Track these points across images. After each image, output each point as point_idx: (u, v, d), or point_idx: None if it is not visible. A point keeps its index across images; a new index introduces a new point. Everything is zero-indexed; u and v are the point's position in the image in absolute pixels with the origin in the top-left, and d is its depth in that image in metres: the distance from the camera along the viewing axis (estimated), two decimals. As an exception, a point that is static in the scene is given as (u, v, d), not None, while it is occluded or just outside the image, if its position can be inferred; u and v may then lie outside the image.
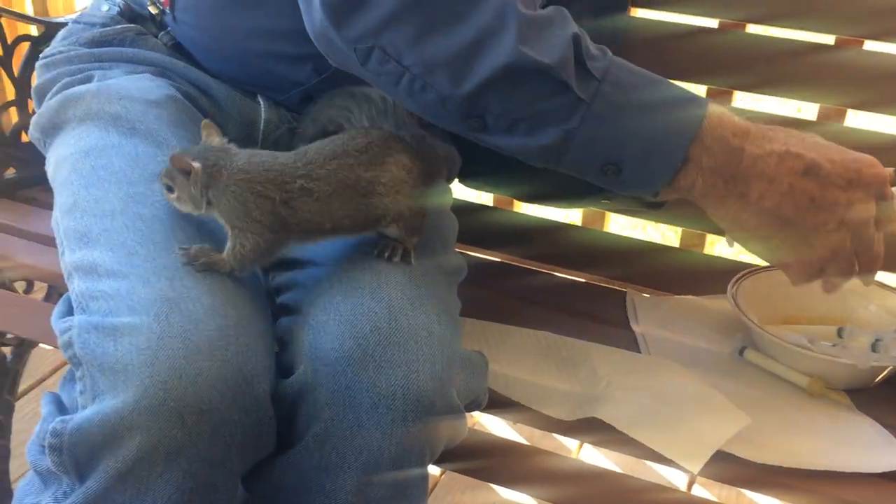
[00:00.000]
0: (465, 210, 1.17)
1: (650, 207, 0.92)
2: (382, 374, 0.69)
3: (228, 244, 0.72)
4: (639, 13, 1.17)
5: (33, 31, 1.49)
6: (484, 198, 1.33)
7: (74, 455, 0.65)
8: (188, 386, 0.64)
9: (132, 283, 0.69)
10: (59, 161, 0.86)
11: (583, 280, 1.19)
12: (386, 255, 0.76)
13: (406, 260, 0.76)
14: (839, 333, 0.97)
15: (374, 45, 0.69)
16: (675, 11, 1.13)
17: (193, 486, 0.66)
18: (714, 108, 0.71)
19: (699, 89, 1.16)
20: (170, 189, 0.73)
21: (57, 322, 0.74)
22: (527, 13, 0.68)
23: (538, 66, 0.67)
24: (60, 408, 0.73)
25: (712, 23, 1.13)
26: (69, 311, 0.75)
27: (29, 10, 1.76)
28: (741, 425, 0.85)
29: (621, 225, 1.93)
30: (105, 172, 0.79)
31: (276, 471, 0.74)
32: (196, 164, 0.70)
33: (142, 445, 0.63)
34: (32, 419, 1.53)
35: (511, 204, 1.33)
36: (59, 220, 0.81)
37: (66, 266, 0.78)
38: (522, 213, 1.31)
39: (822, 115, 1.14)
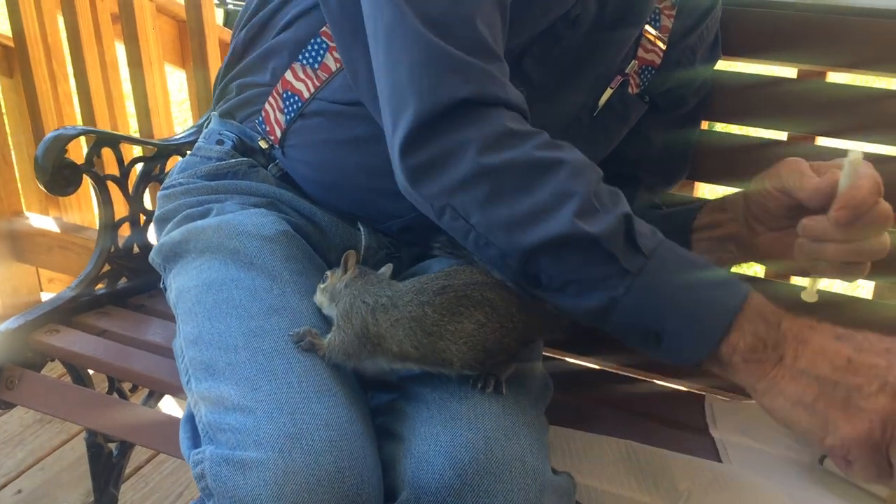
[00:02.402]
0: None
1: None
2: (480, 503, 0.74)
3: (328, 336, 0.83)
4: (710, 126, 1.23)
5: (136, 150, 1.62)
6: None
7: (208, 582, 0.71)
8: None
9: (257, 418, 0.76)
10: (182, 291, 0.94)
11: (663, 384, 1.23)
12: (479, 385, 0.82)
13: (498, 391, 0.82)
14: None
15: (447, 203, 0.76)
16: (745, 125, 1.19)
17: None
18: (754, 294, 0.74)
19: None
20: (324, 280, 0.87)
21: (188, 452, 0.81)
22: (587, 191, 0.74)
23: (589, 238, 0.73)
24: (191, 533, 0.80)
25: (781, 135, 1.18)
26: (195, 434, 0.83)
27: (133, 129, 1.90)
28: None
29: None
30: (227, 306, 0.87)
31: None
32: (356, 268, 0.85)
33: None
34: (130, 507, 1.62)
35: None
36: (184, 349, 0.88)
37: (192, 394, 0.85)
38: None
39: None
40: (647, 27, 1.00)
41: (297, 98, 1.00)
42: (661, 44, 1.02)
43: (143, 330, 1.24)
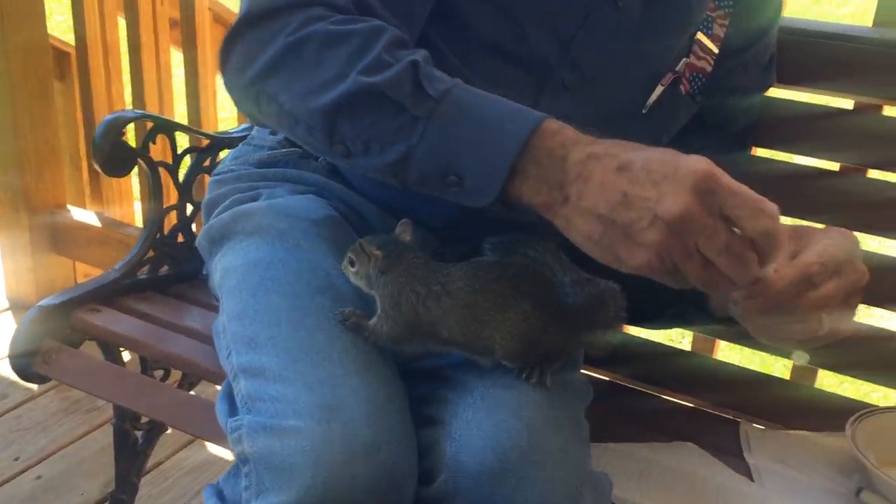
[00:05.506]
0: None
1: (723, 323, 0.93)
2: (520, 489, 0.74)
3: (373, 320, 0.83)
4: (758, 152, 1.23)
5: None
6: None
7: (239, 545, 0.71)
8: (345, 488, 0.70)
9: (297, 388, 0.76)
10: (228, 270, 0.94)
11: (691, 405, 1.22)
12: (524, 375, 0.81)
13: (542, 382, 0.81)
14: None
15: (261, 89, 0.81)
16: (796, 153, 1.19)
17: None
18: (551, 123, 0.74)
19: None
20: (352, 263, 0.85)
21: (225, 420, 0.81)
22: (377, 52, 0.77)
23: (373, 88, 0.76)
24: (222, 500, 0.79)
25: (833, 166, 1.18)
26: (233, 408, 0.83)
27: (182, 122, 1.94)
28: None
29: (732, 356, 1.94)
30: (272, 284, 0.87)
31: None
32: (378, 252, 0.82)
33: None
34: (148, 500, 1.61)
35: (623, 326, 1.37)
36: (227, 325, 0.89)
37: (232, 367, 0.85)
38: (633, 335, 1.34)
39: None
40: (700, 34, 0.99)
41: None
42: (713, 50, 1.01)
43: (182, 316, 1.25)
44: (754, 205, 0.67)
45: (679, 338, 2.04)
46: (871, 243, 1.54)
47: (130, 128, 1.48)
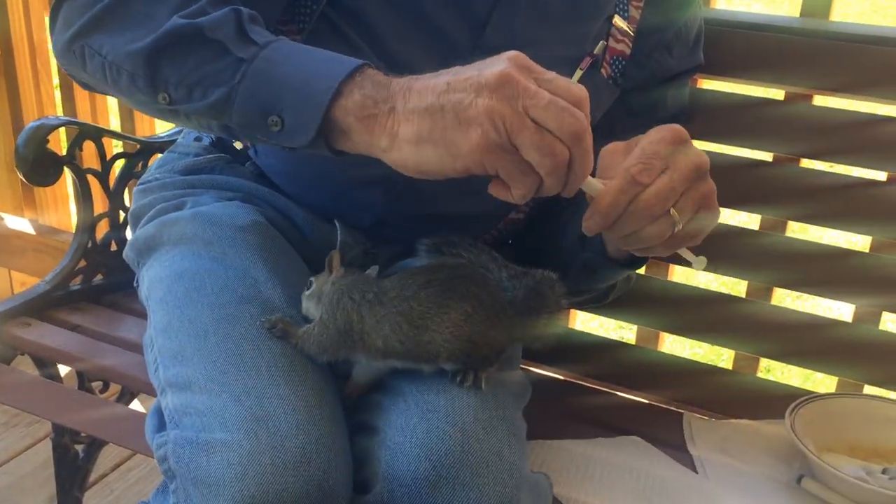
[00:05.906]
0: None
1: (626, 266, 0.92)
2: (455, 495, 0.73)
3: (304, 327, 0.82)
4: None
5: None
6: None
7: (168, 565, 0.69)
8: (274, 501, 0.69)
9: (224, 401, 0.74)
10: (154, 282, 0.92)
11: (640, 400, 1.22)
12: (458, 379, 0.80)
13: (477, 385, 0.80)
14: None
15: (84, 44, 0.81)
16: (730, 145, 1.19)
17: None
18: (369, 68, 0.74)
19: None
20: (308, 286, 0.85)
21: (152, 436, 0.79)
22: (201, 6, 0.78)
23: (194, 29, 0.75)
24: (153, 519, 0.77)
25: (766, 156, 1.19)
26: (161, 424, 0.81)
27: (115, 126, 1.89)
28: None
29: (676, 347, 1.96)
30: (198, 295, 0.85)
31: None
32: (340, 269, 0.84)
33: None
34: (94, 514, 1.58)
35: (567, 320, 1.37)
36: (154, 339, 0.87)
37: (159, 381, 0.83)
38: (578, 330, 1.34)
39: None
40: (616, 17, 0.98)
41: None
42: (630, 33, 1.00)
43: (117, 327, 1.22)
44: (565, 81, 0.70)
45: (629, 328, 2.05)
46: (814, 233, 1.56)
47: (63, 132, 1.45)
